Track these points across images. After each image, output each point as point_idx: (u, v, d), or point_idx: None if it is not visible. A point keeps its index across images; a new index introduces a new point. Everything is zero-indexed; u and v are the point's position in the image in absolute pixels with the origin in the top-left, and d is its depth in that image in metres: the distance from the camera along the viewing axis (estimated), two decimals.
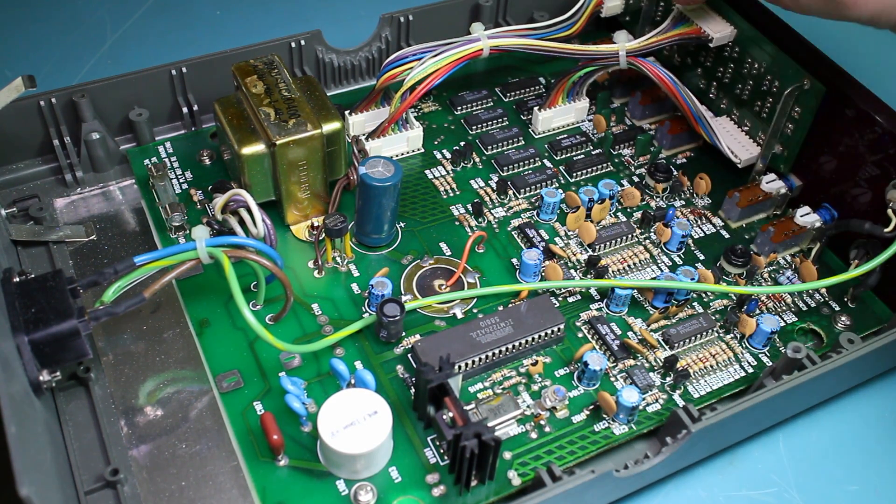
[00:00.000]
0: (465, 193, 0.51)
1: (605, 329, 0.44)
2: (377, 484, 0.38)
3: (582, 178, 0.52)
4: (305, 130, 0.44)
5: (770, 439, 0.44)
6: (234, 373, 0.42)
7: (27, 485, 0.29)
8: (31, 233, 0.48)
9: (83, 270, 0.47)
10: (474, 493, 0.38)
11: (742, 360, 0.44)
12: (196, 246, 0.40)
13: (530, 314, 0.43)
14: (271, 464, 0.38)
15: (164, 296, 0.46)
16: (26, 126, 0.50)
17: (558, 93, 0.54)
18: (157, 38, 0.66)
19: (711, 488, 0.42)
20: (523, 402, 0.41)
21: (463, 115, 0.56)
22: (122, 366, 0.43)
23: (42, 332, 0.37)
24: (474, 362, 0.42)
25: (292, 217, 0.48)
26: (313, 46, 0.56)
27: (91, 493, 0.38)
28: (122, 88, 0.52)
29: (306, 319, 0.44)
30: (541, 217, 0.50)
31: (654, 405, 0.42)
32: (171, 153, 0.52)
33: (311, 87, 0.48)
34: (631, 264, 0.48)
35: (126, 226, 0.50)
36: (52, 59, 0.63)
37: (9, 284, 0.39)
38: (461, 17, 0.61)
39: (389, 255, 0.47)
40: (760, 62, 0.50)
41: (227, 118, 0.46)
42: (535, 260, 0.46)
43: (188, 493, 0.39)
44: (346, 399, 0.38)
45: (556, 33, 0.53)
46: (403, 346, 0.43)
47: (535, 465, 0.39)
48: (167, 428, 0.41)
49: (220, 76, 0.53)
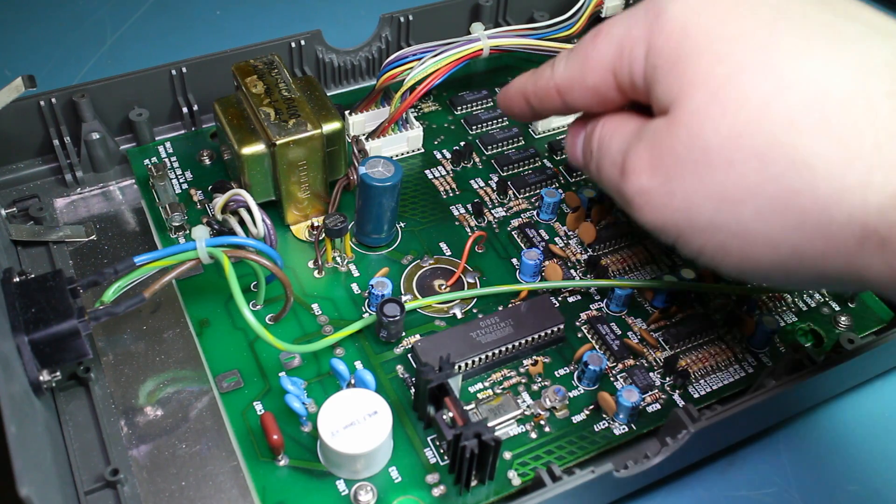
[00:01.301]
0: (465, 193, 0.51)
1: (605, 329, 0.44)
2: (377, 484, 0.38)
3: (582, 178, 0.52)
4: (305, 130, 0.44)
5: (770, 439, 0.44)
6: (234, 373, 0.42)
7: (27, 485, 0.29)
8: (31, 233, 0.48)
9: (83, 270, 0.47)
10: (474, 493, 0.38)
11: (742, 360, 0.44)
12: (196, 246, 0.40)
13: (530, 314, 0.43)
14: (271, 464, 0.38)
15: (164, 296, 0.46)
16: (26, 126, 0.50)
17: None
18: (157, 38, 0.66)
19: (711, 488, 0.42)
20: (523, 402, 0.41)
21: (463, 115, 0.56)
22: (122, 366, 0.43)
23: (42, 332, 0.37)
24: (474, 362, 0.42)
25: (292, 217, 0.48)
26: (313, 46, 0.56)
27: (91, 493, 0.38)
28: (122, 88, 0.52)
29: (306, 319, 0.44)
30: (541, 217, 0.50)
31: (654, 405, 0.42)
32: (171, 153, 0.52)
33: (311, 87, 0.48)
34: (631, 264, 0.48)
35: (126, 226, 0.50)
36: (52, 59, 0.63)
37: (9, 284, 0.38)
38: (461, 17, 0.61)
39: (389, 255, 0.47)
40: None
41: (227, 118, 0.46)
42: (535, 260, 0.46)
43: (188, 493, 0.39)
44: (346, 399, 0.38)
45: (556, 33, 0.53)
46: (403, 346, 0.43)
47: (535, 465, 0.39)
48: (167, 428, 0.41)
49: (220, 76, 0.53)
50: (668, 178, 0.33)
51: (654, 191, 0.34)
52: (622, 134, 0.36)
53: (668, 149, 0.33)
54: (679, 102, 0.32)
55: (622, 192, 0.35)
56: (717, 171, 0.31)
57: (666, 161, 0.33)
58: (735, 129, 0.31)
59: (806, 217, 0.30)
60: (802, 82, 0.30)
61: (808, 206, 0.30)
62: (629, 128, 0.36)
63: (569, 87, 0.38)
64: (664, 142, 0.33)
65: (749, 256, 0.32)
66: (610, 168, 0.36)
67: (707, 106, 0.32)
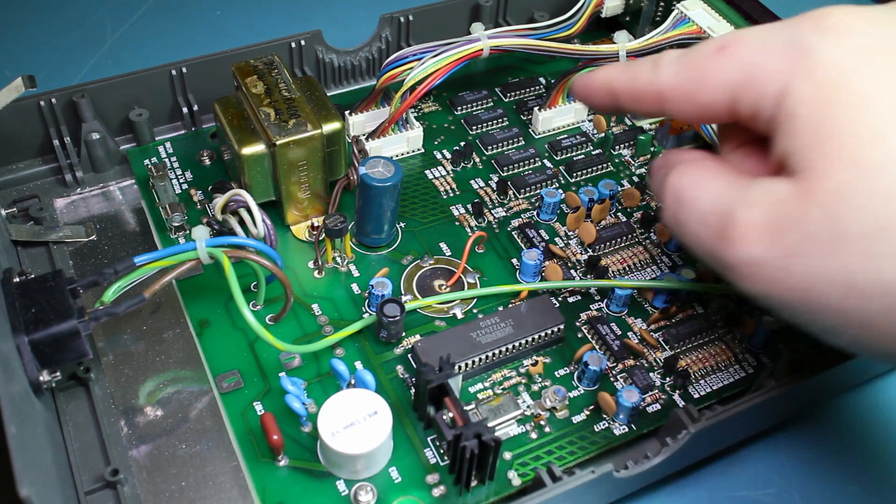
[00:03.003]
0: (465, 193, 0.51)
1: (605, 329, 0.44)
2: (377, 484, 0.38)
3: (582, 179, 0.52)
4: (305, 130, 0.44)
5: (770, 439, 0.44)
6: (234, 373, 0.42)
7: (27, 485, 0.29)
8: (31, 233, 0.48)
9: (83, 270, 0.47)
10: (474, 493, 0.38)
11: (742, 361, 0.44)
12: (196, 246, 0.40)
13: (530, 314, 0.43)
14: (271, 464, 0.38)
15: (164, 296, 0.46)
16: (26, 126, 0.50)
17: (558, 93, 0.54)
18: (157, 38, 0.66)
19: (711, 488, 0.42)
20: (523, 403, 0.41)
21: (463, 115, 0.56)
22: (122, 366, 0.43)
23: (42, 332, 0.37)
24: (474, 362, 0.42)
25: (292, 217, 0.48)
26: (313, 46, 0.56)
27: (91, 493, 0.38)
28: (122, 88, 0.52)
29: (306, 319, 0.44)
30: (541, 217, 0.50)
31: (655, 405, 0.42)
32: (171, 153, 0.52)
33: (311, 87, 0.48)
34: (631, 264, 0.48)
35: (126, 226, 0.50)
36: (52, 59, 0.63)
37: (9, 284, 0.39)
38: (461, 17, 0.61)
39: (389, 255, 0.47)
40: None
41: (227, 118, 0.46)
42: (535, 260, 0.46)
43: (188, 493, 0.39)
44: (346, 399, 0.38)
45: (556, 33, 0.53)
46: (403, 347, 0.43)
47: (535, 465, 0.39)
48: (167, 428, 0.41)
49: (220, 76, 0.53)
50: (789, 254, 0.30)
51: (768, 264, 0.31)
52: (714, 189, 0.33)
53: (795, 223, 0.30)
54: (817, 174, 0.29)
55: (722, 258, 0.32)
56: (851, 259, 0.29)
57: (790, 236, 0.30)
58: (879, 221, 0.28)
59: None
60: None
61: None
62: (723, 182, 0.33)
63: (675, 96, 0.35)
64: (791, 214, 0.30)
65: (862, 342, 0.31)
66: (699, 227, 0.33)
67: (852, 189, 0.29)
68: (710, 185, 0.34)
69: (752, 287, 0.32)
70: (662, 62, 0.36)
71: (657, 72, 0.36)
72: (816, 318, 0.31)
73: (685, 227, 0.34)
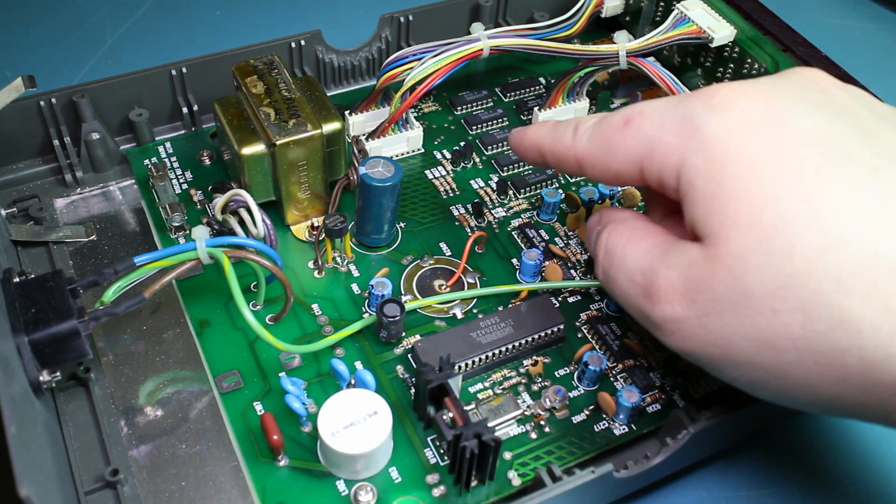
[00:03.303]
0: (465, 193, 0.51)
1: (605, 329, 0.44)
2: (377, 484, 0.38)
3: (582, 178, 0.52)
4: (305, 130, 0.44)
5: (770, 439, 0.44)
6: (234, 373, 0.42)
7: (27, 485, 0.29)
8: (31, 233, 0.48)
9: (83, 270, 0.47)
10: (474, 493, 0.38)
11: None
12: (196, 246, 0.40)
13: (530, 314, 0.43)
14: (271, 464, 0.38)
15: (164, 296, 0.46)
16: (26, 126, 0.50)
17: (558, 93, 0.54)
18: (157, 38, 0.66)
19: (711, 488, 0.42)
20: (523, 403, 0.41)
21: (463, 115, 0.56)
22: (122, 366, 0.43)
23: (42, 332, 0.37)
24: (474, 362, 0.42)
25: (292, 217, 0.48)
26: (313, 46, 0.56)
27: (91, 493, 0.38)
28: (122, 88, 0.52)
29: (306, 319, 0.44)
30: (541, 217, 0.50)
31: (655, 405, 0.42)
32: (171, 153, 0.52)
33: (311, 87, 0.48)
34: None
35: (126, 226, 0.50)
36: (52, 59, 0.63)
37: (9, 284, 0.38)
38: (461, 17, 0.61)
39: (389, 255, 0.47)
40: (760, 62, 0.50)
41: (227, 118, 0.46)
42: (535, 260, 0.46)
43: (188, 493, 0.39)
44: (346, 399, 0.38)
45: (556, 33, 0.53)
46: (403, 347, 0.43)
47: (535, 465, 0.39)
48: (167, 428, 0.41)
49: (220, 76, 0.53)
50: (705, 313, 0.32)
51: (688, 321, 0.33)
52: (641, 250, 0.35)
53: (706, 285, 0.32)
54: (719, 239, 0.31)
55: (647, 316, 0.34)
56: (760, 316, 0.31)
57: (704, 296, 0.32)
58: (780, 280, 0.30)
59: (849, 373, 0.30)
60: (849, 240, 0.29)
61: (852, 365, 0.29)
62: (649, 243, 0.35)
63: (589, 163, 0.37)
64: (701, 276, 0.32)
65: (784, 394, 0.32)
66: (627, 285, 0.35)
67: (751, 252, 0.31)
68: (637, 246, 0.36)
69: (676, 343, 0.34)
70: (580, 130, 0.38)
71: (575, 139, 0.38)
72: (739, 372, 0.33)
73: (615, 284, 0.36)
